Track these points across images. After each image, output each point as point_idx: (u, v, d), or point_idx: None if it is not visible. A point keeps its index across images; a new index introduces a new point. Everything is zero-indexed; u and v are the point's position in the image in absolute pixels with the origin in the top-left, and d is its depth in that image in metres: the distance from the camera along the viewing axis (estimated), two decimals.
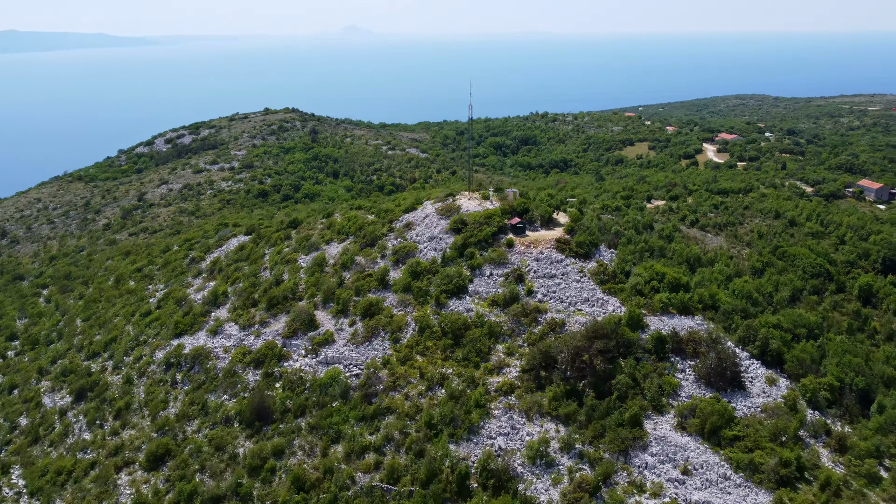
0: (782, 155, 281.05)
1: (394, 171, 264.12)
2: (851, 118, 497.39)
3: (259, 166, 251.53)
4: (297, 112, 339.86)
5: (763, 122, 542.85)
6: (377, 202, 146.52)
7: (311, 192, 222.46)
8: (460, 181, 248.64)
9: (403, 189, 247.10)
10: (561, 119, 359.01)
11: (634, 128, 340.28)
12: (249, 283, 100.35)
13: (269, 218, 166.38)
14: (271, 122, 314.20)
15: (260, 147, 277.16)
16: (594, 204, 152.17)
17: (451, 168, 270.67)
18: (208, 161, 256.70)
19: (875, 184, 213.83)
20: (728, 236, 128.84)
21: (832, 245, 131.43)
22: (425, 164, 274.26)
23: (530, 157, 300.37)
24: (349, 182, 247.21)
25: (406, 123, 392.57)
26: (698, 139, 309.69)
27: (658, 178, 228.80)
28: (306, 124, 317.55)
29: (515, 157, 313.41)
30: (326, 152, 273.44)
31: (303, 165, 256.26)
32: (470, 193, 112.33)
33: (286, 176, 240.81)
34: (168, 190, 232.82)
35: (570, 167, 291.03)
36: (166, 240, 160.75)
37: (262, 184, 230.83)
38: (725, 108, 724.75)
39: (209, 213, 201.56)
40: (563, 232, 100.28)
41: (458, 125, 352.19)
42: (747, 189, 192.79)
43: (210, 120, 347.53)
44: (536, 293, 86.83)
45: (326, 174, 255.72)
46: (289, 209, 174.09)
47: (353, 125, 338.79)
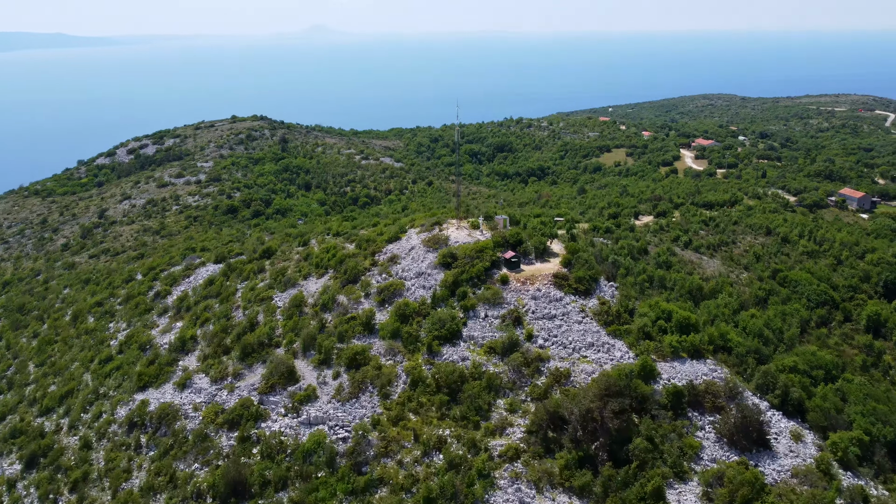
0: (760, 161, 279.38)
1: (368, 182, 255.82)
2: (820, 120, 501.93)
3: (227, 179, 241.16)
4: (266, 120, 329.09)
5: (734, 123, 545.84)
6: (357, 225, 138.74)
7: (282, 206, 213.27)
8: (437, 192, 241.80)
9: (378, 202, 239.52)
10: (536, 125, 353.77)
11: (610, 133, 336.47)
12: (221, 327, 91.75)
13: (240, 240, 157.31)
14: (239, 131, 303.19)
15: (228, 158, 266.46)
16: (582, 222, 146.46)
17: (426, 178, 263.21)
18: (173, 174, 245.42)
19: (857, 192, 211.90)
20: (724, 258, 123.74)
21: (829, 265, 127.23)
22: (400, 174, 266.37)
23: (507, 165, 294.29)
24: (322, 195, 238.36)
25: (378, 129, 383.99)
26: (675, 145, 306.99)
27: (640, 187, 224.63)
28: (276, 133, 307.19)
29: (492, 164, 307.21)
30: (297, 163, 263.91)
31: (273, 178, 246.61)
32: (458, 222, 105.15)
33: (256, 189, 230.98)
34: (131, 206, 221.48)
35: (548, 175, 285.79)
36: (129, 266, 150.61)
37: (230, 198, 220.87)
38: (694, 108, 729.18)
39: (175, 231, 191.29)
40: (559, 265, 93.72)
41: (431, 132, 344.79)
42: (733, 201, 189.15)
43: (174, 128, 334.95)
44: (537, 338, 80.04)
45: (298, 186, 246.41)
46: (260, 232, 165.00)
47: (325, 133, 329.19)
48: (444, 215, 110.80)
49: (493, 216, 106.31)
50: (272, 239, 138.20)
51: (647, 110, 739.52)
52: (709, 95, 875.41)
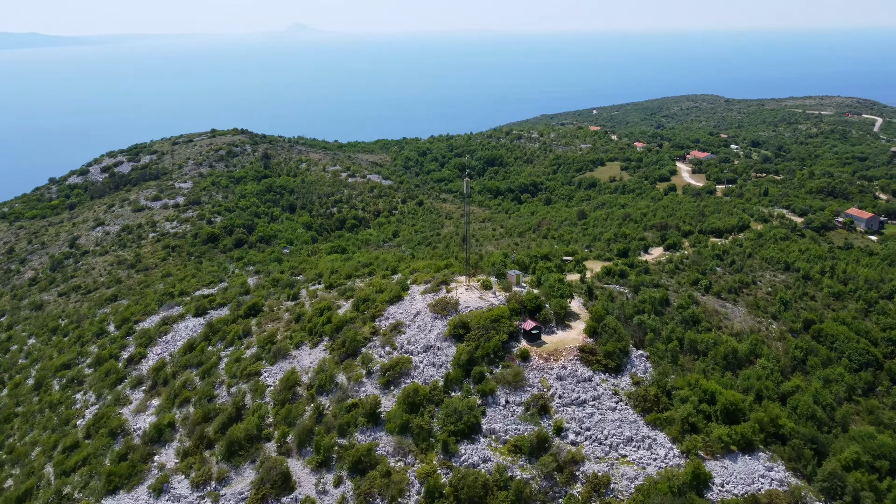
0: (759, 176, 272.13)
1: (355, 202, 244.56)
2: (809, 125, 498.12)
3: (207, 202, 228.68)
4: (247, 133, 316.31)
5: (722, 128, 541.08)
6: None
7: (266, 234, 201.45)
8: (429, 213, 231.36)
9: (367, 224, 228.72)
10: (526, 136, 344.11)
11: (602, 145, 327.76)
12: (203, 412, 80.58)
13: (222, 280, 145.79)
14: (219, 147, 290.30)
15: (207, 177, 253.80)
16: (590, 258, 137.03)
17: (416, 197, 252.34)
18: (150, 196, 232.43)
19: (864, 213, 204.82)
20: (749, 306, 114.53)
21: (860, 310, 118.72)
22: (389, 192, 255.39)
23: (498, 181, 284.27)
24: (307, 217, 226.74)
25: (363, 141, 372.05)
26: (670, 158, 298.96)
27: (640, 207, 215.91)
28: (257, 148, 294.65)
29: (482, 179, 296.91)
30: (281, 182, 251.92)
31: (256, 199, 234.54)
32: (467, 280, 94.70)
33: (238, 213, 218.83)
34: (104, 233, 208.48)
35: (541, 191, 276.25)
36: (101, 311, 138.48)
37: (210, 224, 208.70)
38: (679, 111, 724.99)
39: (152, 264, 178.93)
40: (583, 333, 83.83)
41: (418, 144, 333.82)
42: (740, 226, 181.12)
43: (151, 142, 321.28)
44: (567, 431, 69.97)
45: (282, 208, 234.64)
46: (243, 270, 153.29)
47: (308, 147, 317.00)
48: (450, 271, 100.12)
49: (505, 273, 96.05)
50: (258, 286, 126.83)
51: (633, 113, 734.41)
52: (693, 97, 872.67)
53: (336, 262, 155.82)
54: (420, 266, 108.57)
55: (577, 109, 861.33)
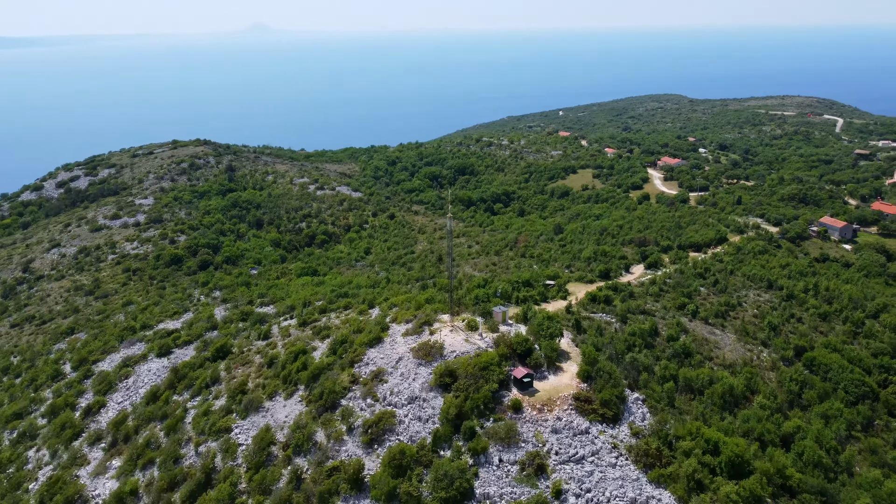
0: (730, 183, 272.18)
1: (325, 216, 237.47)
2: (773, 126, 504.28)
3: (169, 220, 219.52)
4: (210, 144, 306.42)
5: (688, 129, 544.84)
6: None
7: (232, 254, 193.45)
8: (400, 227, 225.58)
9: (338, 239, 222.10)
10: (496, 143, 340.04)
11: (574, 151, 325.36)
12: (168, 476, 73.93)
13: (185, 312, 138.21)
14: (181, 159, 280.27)
15: (169, 192, 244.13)
16: (572, 281, 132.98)
17: (387, 210, 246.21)
18: (109, 215, 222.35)
19: (838, 222, 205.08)
20: (738, 332, 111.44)
21: (848, 333, 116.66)
22: (359, 205, 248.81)
23: (470, 190, 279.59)
24: (275, 233, 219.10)
25: (331, 150, 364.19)
26: (641, 165, 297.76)
27: (615, 219, 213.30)
28: (221, 160, 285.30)
29: (453, 188, 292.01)
30: (247, 196, 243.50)
31: (221, 215, 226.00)
32: (451, 320, 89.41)
33: (202, 231, 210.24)
34: (60, 255, 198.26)
35: (514, 200, 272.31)
36: (57, 348, 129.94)
37: (173, 244, 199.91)
38: (645, 112, 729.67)
39: (111, 290, 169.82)
40: (576, 378, 79.34)
41: (387, 153, 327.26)
42: (719, 239, 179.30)
43: (109, 154, 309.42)
44: (567, 493, 65.20)
45: (249, 224, 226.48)
46: (209, 301, 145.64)
47: (274, 157, 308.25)
48: (432, 308, 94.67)
49: (491, 311, 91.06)
50: (225, 320, 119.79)
51: (599, 114, 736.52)
52: (657, 97, 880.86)
53: (307, 287, 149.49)
54: (399, 300, 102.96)
55: (544, 111, 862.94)
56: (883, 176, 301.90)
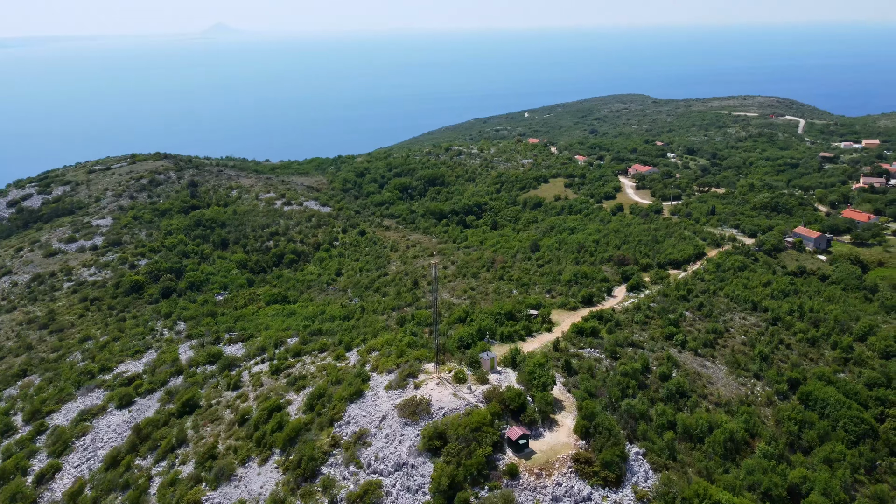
0: (701, 190, 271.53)
1: (293, 233, 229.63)
2: (737, 128, 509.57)
3: (129, 242, 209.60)
4: (171, 158, 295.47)
5: (654, 132, 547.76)
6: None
7: (196, 279, 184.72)
8: (372, 245, 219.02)
9: (307, 258, 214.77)
10: (466, 152, 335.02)
11: (544, 159, 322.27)
12: None
13: (147, 349, 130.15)
14: (140, 175, 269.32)
15: (129, 211, 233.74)
16: (555, 308, 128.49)
17: (357, 226, 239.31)
18: (64, 237, 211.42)
19: (812, 232, 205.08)
20: (729, 364, 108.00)
21: (838, 360, 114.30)
22: (328, 221, 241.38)
23: (441, 202, 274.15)
24: (242, 254, 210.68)
25: (297, 161, 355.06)
26: (613, 173, 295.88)
27: (590, 231, 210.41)
28: (183, 174, 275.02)
29: (423, 200, 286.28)
30: (211, 214, 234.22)
31: (183, 236, 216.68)
32: (437, 371, 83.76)
33: (164, 254, 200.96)
34: (12, 284, 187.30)
35: (486, 212, 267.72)
36: (8, 394, 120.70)
37: (134, 269, 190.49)
38: (610, 113, 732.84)
39: (67, 323, 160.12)
40: (574, 435, 74.52)
41: (356, 164, 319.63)
42: (697, 254, 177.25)
43: (64, 170, 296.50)
44: None
45: (214, 245, 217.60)
46: (172, 338, 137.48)
47: (238, 171, 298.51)
48: (414, 356, 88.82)
49: (478, 359, 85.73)
50: (191, 363, 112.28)
51: (565, 116, 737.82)
52: (621, 97, 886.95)
53: (278, 319, 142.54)
54: (378, 344, 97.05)
55: (510, 112, 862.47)
56: (849, 180, 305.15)
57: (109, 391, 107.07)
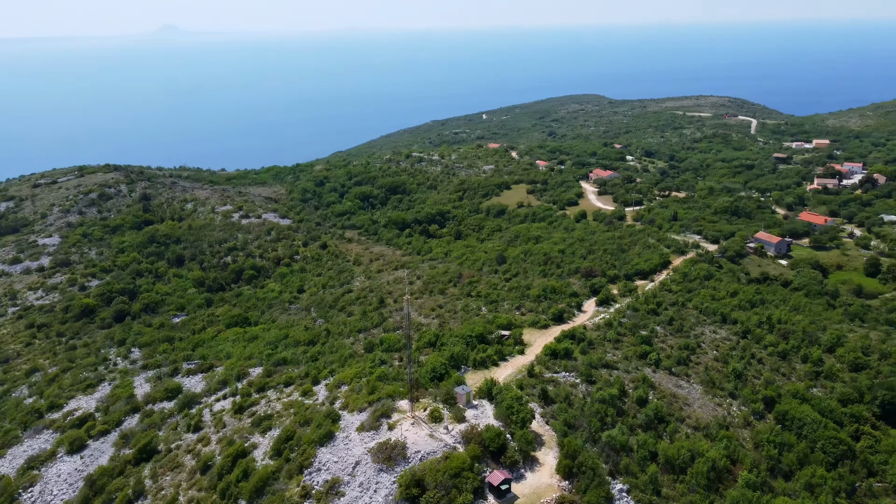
0: (662, 195, 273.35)
1: (252, 248, 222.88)
2: (693, 129, 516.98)
3: (79, 262, 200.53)
4: (121, 170, 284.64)
5: (611, 133, 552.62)
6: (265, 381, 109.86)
7: (151, 300, 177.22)
8: (334, 259, 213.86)
9: (267, 273, 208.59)
10: (427, 159, 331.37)
11: (506, 165, 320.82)
12: None
13: (100, 382, 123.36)
14: (89, 188, 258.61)
15: (77, 228, 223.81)
16: (525, 326, 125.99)
17: (319, 238, 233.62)
18: (8, 259, 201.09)
19: (773, 237, 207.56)
20: (704, 383, 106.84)
21: (809, 374, 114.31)
22: (288, 234, 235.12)
23: (403, 211, 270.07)
24: (199, 272, 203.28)
25: (254, 169, 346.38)
26: (574, 178, 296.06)
27: (555, 240, 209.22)
28: (134, 187, 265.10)
29: (385, 209, 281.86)
30: (165, 230, 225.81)
31: (137, 254, 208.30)
32: (411, 409, 79.99)
33: (117, 274, 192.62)
34: None
35: (449, 220, 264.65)
36: None
37: (84, 291, 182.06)
38: (567, 114, 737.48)
39: (12, 352, 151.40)
40: (557, 476, 71.71)
41: (315, 173, 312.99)
42: (663, 263, 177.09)
43: (6, 184, 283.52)
44: None
45: (169, 262, 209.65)
46: (127, 368, 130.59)
47: (193, 182, 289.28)
48: (387, 391, 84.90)
49: (454, 394, 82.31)
50: (148, 399, 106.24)
51: (522, 118, 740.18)
52: (577, 98, 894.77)
53: (239, 344, 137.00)
54: (347, 377, 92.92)
55: (468, 114, 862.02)
56: (804, 181, 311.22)
57: (59, 433, 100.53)
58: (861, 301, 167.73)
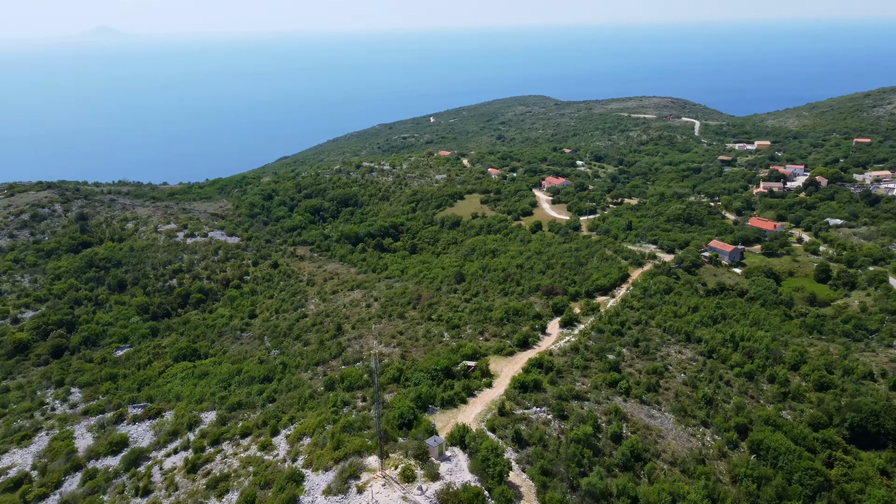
0: (615, 203, 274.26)
1: (198, 269, 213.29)
2: (639, 131, 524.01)
3: (10, 291, 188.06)
4: (56, 188, 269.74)
5: (559, 136, 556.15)
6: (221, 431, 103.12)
7: (92, 332, 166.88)
8: (286, 279, 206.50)
9: (216, 296, 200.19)
10: (378, 169, 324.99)
11: (458, 174, 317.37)
12: None
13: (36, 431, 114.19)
14: (20, 209, 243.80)
15: (8, 253, 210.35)
16: (490, 354, 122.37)
17: (269, 257, 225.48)
18: None
19: (726, 246, 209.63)
20: (676, 412, 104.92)
21: (776, 395, 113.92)
22: (237, 253, 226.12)
23: (355, 225, 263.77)
24: (143, 297, 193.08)
25: (198, 182, 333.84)
26: (527, 187, 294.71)
27: (511, 253, 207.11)
28: (70, 206, 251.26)
29: (337, 223, 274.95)
30: (105, 253, 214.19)
31: (74, 280, 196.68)
32: (381, 466, 74.86)
33: (53, 304, 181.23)
34: None
35: (403, 233, 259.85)
36: None
37: (17, 324, 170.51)
38: (514, 116, 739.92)
39: None
40: None
41: (263, 186, 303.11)
42: (622, 277, 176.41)
43: None
44: None
45: (110, 288, 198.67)
46: (66, 416, 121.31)
47: (133, 198, 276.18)
48: (353, 445, 79.64)
49: (426, 448, 77.70)
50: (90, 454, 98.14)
51: (470, 121, 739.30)
52: (523, 99, 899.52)
53: (189, 383, 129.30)
54: (309, 427, 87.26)
55: (415, 117, 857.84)
56: (750, 184, 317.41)
57: None
58: (815, 310, 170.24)
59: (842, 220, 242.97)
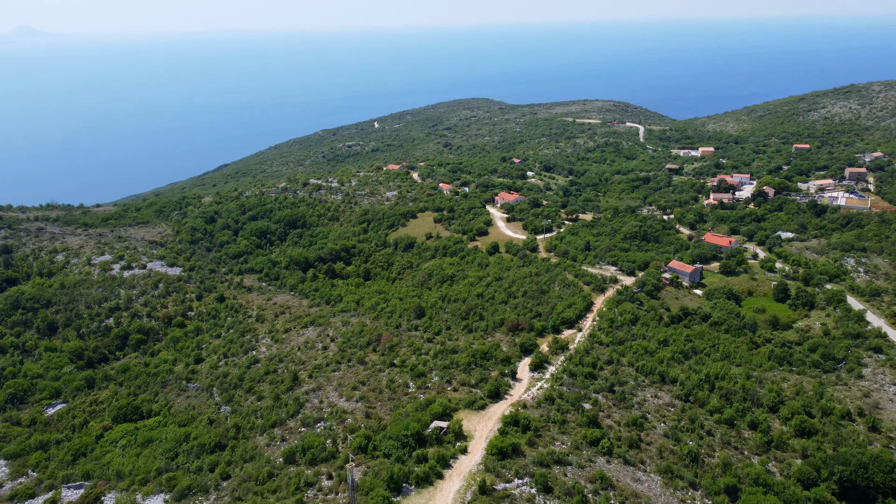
0: (570, 220, 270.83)
1: (137, 306, 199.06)
2: (585, 138, 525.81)
3: None
4: None
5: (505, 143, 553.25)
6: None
7: (18, 387, 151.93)
8: (233, 313, 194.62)
9: (158, 336, 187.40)
10: (326, 186, 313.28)
11: (409, 190, 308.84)
12: None
13: None
14: None
15: None
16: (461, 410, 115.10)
17: (214, 289, 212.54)
18: None
19: (686, 266, 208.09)
20: (662, 473, 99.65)
21: (760, 446, 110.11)
22: (179, 286, 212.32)
23: (305, 248, 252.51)
24: (77, 341, 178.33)
25: (133, 203, 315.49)
26: (480, 203, 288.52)
27: (470, 279, 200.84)
28: None
29: (284, 246, 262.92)
30: (32, 291, 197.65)
31: None
32: None
33: None
34: None
35: (355, 256, 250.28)
36: None
37: None
38: (459, 121, 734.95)
39: None
40: None
41: (204, 208, 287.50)
42: (586, 306, 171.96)
43: None
44: None
45: (39, 332, 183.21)
46: None
47: (63, 226, 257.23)
48: None
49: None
50: None
51: (415, 126, 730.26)
52: (467, 102, 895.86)
53: (130, 455, 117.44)
54: None
55: (359, 122, 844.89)
56: (699, 195, 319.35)
57: None
58: (780, 335, 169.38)
59: (793, 234, 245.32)
